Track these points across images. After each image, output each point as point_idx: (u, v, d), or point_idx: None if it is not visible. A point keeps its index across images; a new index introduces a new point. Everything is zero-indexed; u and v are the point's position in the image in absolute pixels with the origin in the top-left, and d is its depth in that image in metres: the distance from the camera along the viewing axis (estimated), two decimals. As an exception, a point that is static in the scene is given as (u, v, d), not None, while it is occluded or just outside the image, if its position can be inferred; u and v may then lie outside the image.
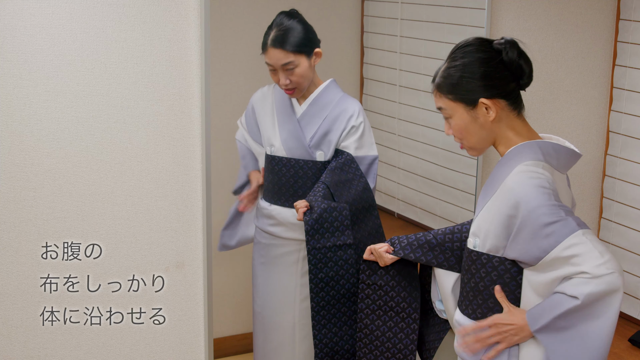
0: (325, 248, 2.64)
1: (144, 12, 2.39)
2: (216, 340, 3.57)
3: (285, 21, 2.73)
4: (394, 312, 2.43)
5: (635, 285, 3.16)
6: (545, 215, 1.87)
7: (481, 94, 1.96)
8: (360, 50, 3.82)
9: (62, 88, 2.36)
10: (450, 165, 3.40)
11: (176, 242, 2.56)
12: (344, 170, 2.77)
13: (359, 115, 2.81)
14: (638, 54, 3.11)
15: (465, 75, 1.96)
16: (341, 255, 2.66)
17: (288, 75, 2.72)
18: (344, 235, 2.66)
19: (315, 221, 2.62)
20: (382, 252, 2.37)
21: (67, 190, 2.41)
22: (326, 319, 2.67)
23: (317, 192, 2.70)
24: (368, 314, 2.46)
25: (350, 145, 2.80)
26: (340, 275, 2.65)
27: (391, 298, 2.42)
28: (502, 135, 2.01)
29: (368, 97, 3.82)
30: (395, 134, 3.69)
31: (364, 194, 2.77)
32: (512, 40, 1.97)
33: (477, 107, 1.97)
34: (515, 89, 1.99)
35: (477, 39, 2.01)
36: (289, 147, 2.80)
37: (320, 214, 2.63)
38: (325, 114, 2.81)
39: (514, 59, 1.96)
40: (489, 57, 1.96)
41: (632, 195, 3.15)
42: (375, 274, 2.43)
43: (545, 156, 1.96)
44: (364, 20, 3.78)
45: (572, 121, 3.25)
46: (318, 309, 2.65)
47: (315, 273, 2.63)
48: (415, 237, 2.36)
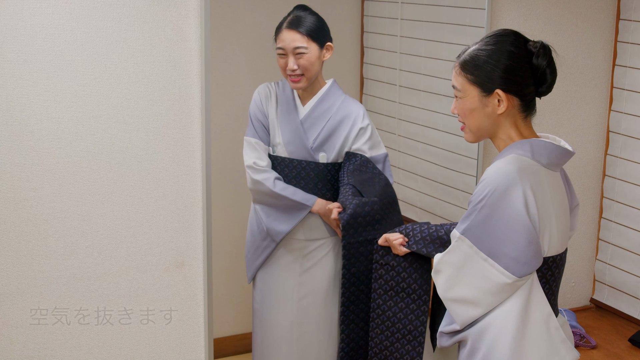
0: (358, 243, 2.66)
1: (144, 12, 2.40)
2: (216, 340, 3.57)
3: (302, 11, 2.75)
4: (405, 294, 2.47)
5: (635, 285, 3.16)
6: (475, 194, 1.94)
7: (499, 85, 1.96)
8: (360, 50, 3.82)
9: (62, 88, 2.36)
10: (450, 165, 3.40)
11: (176, 242, 2.56)
12: (362, 170, 2.80)
13: (364, 117, 2.83)
14: (638, 54, 3.11)
15: (491, 61, 1.96)
16: (371, 250, 2.68)
17: (297, 59, 2.72)
18: (374, 229, 2.68)
19: (351, 216, 2.64)
20: (397, 245, 2.44)
21: (67, 190, 2.42)
22: (354, 313, 2.69)
23: (346, 193, 2.72)
24: (381, 294, 2.51)
25: (363, 147, 2.82)
26: (367, 271, 2.68)
27: (403, 279, 2.47)
28: (504, 131, 2.02)
29: (368, 97, 3.82)
30: (395, 134, 3.69)
31: (387, 189, 2.80)
32: (548, 47, 1.98)
33: (491, 96, 1.98)
34: (531, 93, 1.99)
35: (514, 32, 2.01)
36: (291, 148, 2.79)
37: (354, 209, 2.65)
38: (328, 116, 2.82)
39: (541, 65, 1.96)
40: (519, 54, 1.96)
41: (632, 195, 3.16)
42: (388, 255, 2.49)
43: (535, 154, 1.96)
44: (364, 20, 3.78)
45: (572, 121, 3.25)
46: (348, 304, 2.68)
47: (348, 268, 2.66)
48: (428, 231, 2.40)
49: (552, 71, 1.99)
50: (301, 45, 2.70)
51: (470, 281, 1.96)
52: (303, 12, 2.75)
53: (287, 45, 2.71)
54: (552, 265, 2.00)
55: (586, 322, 3.22)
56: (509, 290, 1.93)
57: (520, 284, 1.92)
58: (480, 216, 1.92)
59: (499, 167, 1.92)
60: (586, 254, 3.49)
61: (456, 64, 2.04)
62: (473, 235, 1.94)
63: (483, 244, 1.92)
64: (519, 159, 1.93)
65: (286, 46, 2.71)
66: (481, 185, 1.93)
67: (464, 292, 1.97)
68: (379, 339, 2.54)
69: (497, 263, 1.91)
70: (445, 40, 3.32)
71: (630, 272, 3.17)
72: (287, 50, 2.71)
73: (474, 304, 1.96)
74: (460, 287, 1.98)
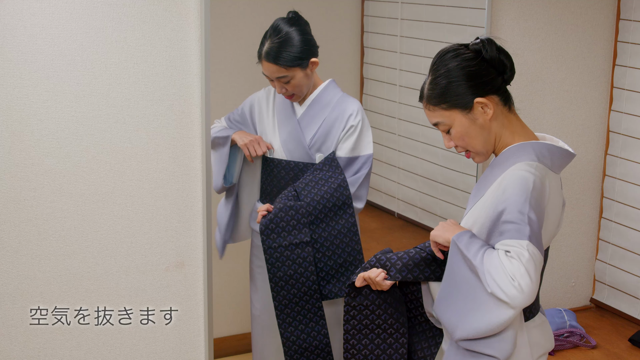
0: (281, 247, 2.64)
1: (144, 12, 2.40)
2: (216, 340, 3.56)
3: (283, 29, 2.69)
4: (381, 329, 2.36)
5: (635, 285, 3.16)
6: (509, 213, 1.89)
7: (474, 94, 1.96)
8: (360, 50, 3.82)
9: (62, 88, 2.36)
10: (450, 165, 3.40)
11: (176, 242, 2.56)
12: (323, 169, 2.76)
13: (358, 114, 2.79)
14: (638, 54, 3.11)
15: (453, 80, 1.96)
16: (299, 253, 2.66)
17: (284, 85, 2.72)
18: (301, 233, 2.66)
19: (270, 221, 2.64)
20: (380, 280, 2.26)
21: (67, 190, 2.41)
22: (291, 316, 2.68)
23: (282, 196, 2.71)
24: (354, 334, 2.38)
25: (347, 146, 2.78)
26: (300, 273, 2.66)
27: (378, 316, 2.35)
28: (500, 132, 2.01)
29: (368, 97, 3.82)
30: (395, 134, 3.69)
31: (336, 192, 2.73)
32: (489, 38, 1.98)
33: (473, 108, 1.97)
34: (502, 84, 2.00)
35: (453, 45, 2.02)
36: (289, 149, 2.79)
37: (275, 214, 2.64)
38: (324, 115, 2.80)
39: (494, 56, 1.96)
40: (470, 58, 1.97)
41: (632, 195, 3.15)
42: (360, 295, 2.33)
43: (539, 157, 1.96)
44: (364, 20, 3.78)
45: (572, 121, 3.25)
46: (281, 308, 2.67)
47: (273, 272, 2.65)
48: (408, 256, 2.26)
49: (506, 55, 1.99)
50: (283, 75, 2.70)
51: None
52: (284, 30, 2.69)
53: (270, 74, 2.72)
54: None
55: (586, 322, 3.22)
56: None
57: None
58: (534, 221, 1.89)
59: (522, 169, 1.92)
60: (586, 254, 3.49)
61: (423, 104, 2.04)
62: (536, 242, 1.89)
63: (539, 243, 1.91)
64: (530, 165, 1.94)
65: (269, 75, 2.72)
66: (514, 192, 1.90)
67: None
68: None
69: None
70: (445, 40, 3.32)
71: (630, 272, 3.17)
72: (271, 77, 2.72)
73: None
74: None
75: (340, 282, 2.74)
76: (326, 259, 2.72)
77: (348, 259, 2.75)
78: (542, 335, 2.07)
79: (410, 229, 3.64)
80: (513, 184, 1.90)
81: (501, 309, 1.87)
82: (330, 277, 2.74)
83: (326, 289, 2.73)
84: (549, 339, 2.09)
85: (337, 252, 2.73)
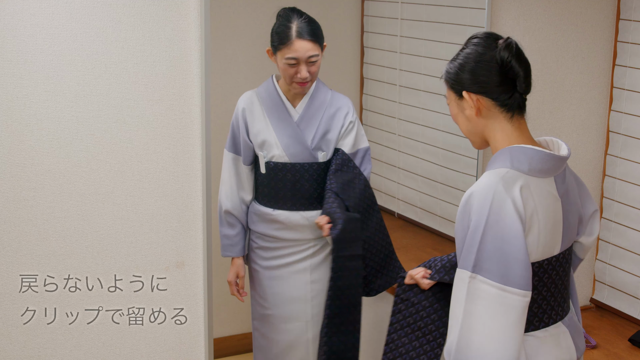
0: (344, 257, 2.68)
1: (144, 12, 2.40)
2: (216, 340, 3.57)
3: (301, 16, 2.71)
4: (421, 333, 2.39)
5: (635, 285, 3.16)
6: (458, 231, 1.91)
7: (467, 87, 1.95)
8: (360, 50, 3.82)
9: (62, 88, 2.36)
10: (450, 165, 3.40)
11: (176, 242, 2.56)
12: (344, 171, 2.80)
13: (352, 110, 2.85)
14: (638, 54, 3.11)
15: (462, 65, 1.96)
16: (355, 265, 2.70)
17: (309, 67, 2.71)
18: (357, 246, 2.71)
19: (341, 232, 2.66)
20: (419, 278, 2.34)
21: (67, 190, 2.42)
22: (336, 326, 2.70)
23: (331, 202, 2.73)
24: (397, 328, 2.43)
25: (349, 142, 2.83)
26: (353, 285, 2.70)
27: (421, 317, 2.39)
28: (490, 135, 1.98)
29: (368, 97, 3.82)
30: (395, 134, 3.69)
31: (366, 192, 2.81)
32: (510, 42, 1.94)
33: (462, 98, 1.97)
34: (507, 91, 1.95)
35: (486, 33, 1.99)
36: (292, 152, 2.79)
37: (344, 225, 2.67)
38: (321, 114, 2.81)
39: (504, 59, 1.92)
40: (485, 53, 1.95)
41: (632, 195, 3.15)
42: (410, 291, 2.41)
43: (513, 162, 1.91)
44: (364, 20, 3.78)
45: (572, 121, 3.25)
46: (332, 316, 2.68)
47: (335, 280, 2.67)
48: (447, 258, 2.35)
49: (521, 63, 1.94)
50: (314, 53, 2.69)
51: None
52: (304, 18, 2.71)
53: (302, 55, 2.68)
54: (539, 271, 1.95)
55: (586, 322, 3.21)
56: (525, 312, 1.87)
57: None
58: (485, 245, 1.85)
59: (482, 189, 1.88)
60: (586, 254, 3.49)
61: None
62: (483, 269, 1.85)
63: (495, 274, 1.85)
64: (497, 173, 1.90)
65: (301, 56, 2.68)
66: (472, 211, 1.88)
67: None
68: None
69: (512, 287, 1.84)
70: (445, 40, 3.32)
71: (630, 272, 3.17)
72: (300, 60, 2.69)
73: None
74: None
75: (386, 276, 2.84)
76: (372, 257, 2.81)
77: (386, 252, 2.86)
78: (548, 348, 1.99)
79: (410, 229, 3.64)
80: (474, 199, 1.90)
81: None
82: (376, 272, 2.84)
83: (376, 284, 2.85)
84: (560, 353, 2.01)
85: (378, 249, 2.83)
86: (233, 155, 2.87)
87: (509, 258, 1.85)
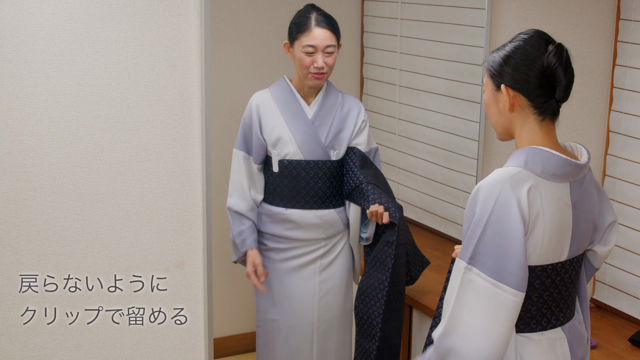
0: (402, 245, 2.74)
1: (144, 12, 2.40)
2: (216, 340, 3.57)
3: (317, 9, 2.76)
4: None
5: (635, 285, 3.16)
6: (465, 221, 1.91)
7: (506, 81, 1.95)
8: (360, 50, 3.82)
9: (62, 88, 2.36)
10: (450, 165, 3.40)
11: (176, 242, 2.56)
12: (367, 166, 2.87)
13: (364, 111, 2.91)
14: (638, 54, 3.11)
15: (507, 58, 1.96)
16: (404, 253, 2.76)
17: (325, 58, 2.73)
18: (405, 235, 2.78)
19: (400, 218, 2.73)
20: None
21: (67, 190, 2.42)
22: (392, 312, 2.73)
23: (378, 193, 2.77)
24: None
25: (363, 141, 2.87)
26: (403, 272, 2.77)
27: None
28: (517, 133, 1.99)
29: (368, 97, 3.82)
30: (395, 134, 3.69)
31: (387, 183, 2.93)
32: (560, 48, 1.95)
33: (499, 91, 1.97)
34: (545, 95, 1.95)
35: (537, 31, 1.99)
36: (307, 149, 2.79)
37: (401, 212, 2.74)
38: (334, 113, 2.84)
39: (551, 64, 1.93)
40: (533, 52, 1.94)
41: (632, 195, 3.15)
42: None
43: (528, 162, 1.92)
44: (364, 20, 3.78)
45: (572, 121, 3.25)
46: (390, 302, 2.71)
47: (395, 267, 2.70)
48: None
49: (566, 72, 1.94)
50: (332, 44, 2.73)
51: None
52: (322, 12, 2.77)
53: (320, 43, 2.71)
54: (542, 274, 1.95)
55: (586, 322, 3.21)
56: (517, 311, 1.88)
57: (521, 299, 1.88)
58: (484, 239, 1.86)
59: (489, 184, 1.89)
60: (586, 254, 3.49)
61: None
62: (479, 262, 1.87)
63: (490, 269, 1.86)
64: (508, 171, 1.90)
65: (318, 44, 2.70)
66: (478, 205, 1.89)
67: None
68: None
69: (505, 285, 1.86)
70: (445, 40, 3.32)
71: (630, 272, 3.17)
72: (318, 48, 2.71)
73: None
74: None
75: (417, 266, 2.94)
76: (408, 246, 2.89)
77: (412, 243, 2.94)
78: (542, 352, 1.98)
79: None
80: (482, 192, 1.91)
81: None
82: (412, 261, 2.91)
83: (412, 273, 2.91)
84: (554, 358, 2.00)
85: (408, 240, 2.88)
86: (244, 154, 2.83)
87: (505, 256, 1.86)
